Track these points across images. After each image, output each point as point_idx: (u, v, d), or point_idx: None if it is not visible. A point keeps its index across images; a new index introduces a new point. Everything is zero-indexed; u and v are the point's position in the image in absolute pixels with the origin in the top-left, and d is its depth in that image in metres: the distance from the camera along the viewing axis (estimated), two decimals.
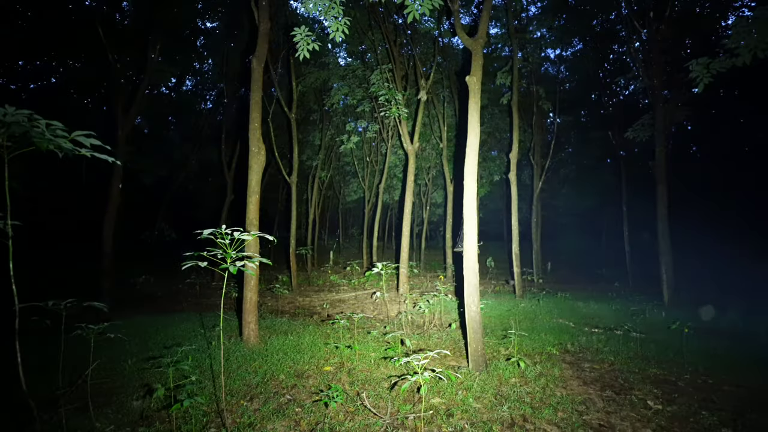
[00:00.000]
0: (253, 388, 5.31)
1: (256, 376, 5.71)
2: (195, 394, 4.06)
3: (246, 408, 4.74)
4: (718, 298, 12.75)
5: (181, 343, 6.88)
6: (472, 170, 6.39)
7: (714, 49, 8.23)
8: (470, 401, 4.92)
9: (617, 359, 6.69)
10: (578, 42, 17.98)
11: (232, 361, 6.20)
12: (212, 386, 5.21)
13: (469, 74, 6.67)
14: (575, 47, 18.64)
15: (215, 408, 4.66)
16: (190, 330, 8.09)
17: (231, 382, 5.37)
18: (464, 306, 6.21)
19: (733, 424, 4.44)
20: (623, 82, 16.88)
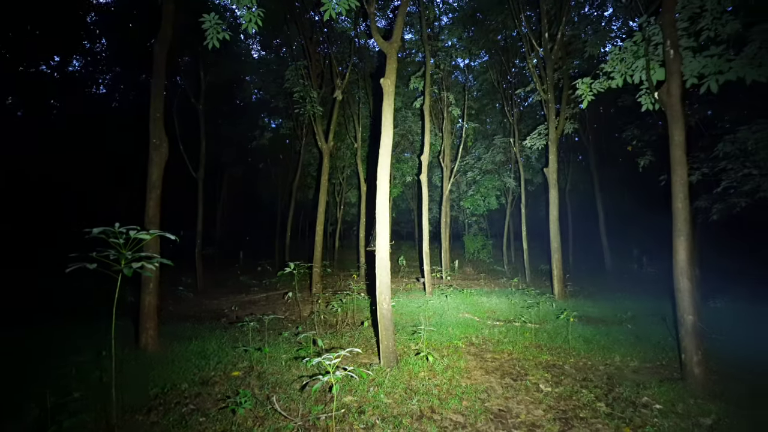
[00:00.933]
0: (152, 400, 4.92)
1: (155, 386, 5.29)
2: (79, 411, 3.65)
3: (142, 422, 4.38)
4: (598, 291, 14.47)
5: (65, 355, 6.15)
6: (385, 171, 6.53)
7: (596, 71, 9.34)
8: (381, 397, 5.04)
9: (515, 349, 7.27)
10: (485, 54, 19.20)
11: (127, 371, 5.68)
12: (102, 401, 4.73)
13: (383, 76, 6.82)
14: (482, 58, 19.87)
15: (105, 425, 4.24)
16: (77, 340, 7.25)
17: (125, 395, 4.92)
18: (376, 304, 6.34)
19: (605, 399, 5.08)
20: (523, 94, 18.39)
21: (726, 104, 11.12)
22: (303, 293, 13.03)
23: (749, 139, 8.84)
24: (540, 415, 4.69)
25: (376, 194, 6.53)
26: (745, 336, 7.88)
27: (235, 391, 5.07)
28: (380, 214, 6.45)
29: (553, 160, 12.26)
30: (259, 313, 8.86)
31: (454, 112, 17.45)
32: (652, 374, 5.98)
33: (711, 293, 11.34)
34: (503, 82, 18.87)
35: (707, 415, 4.57)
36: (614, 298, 12.37)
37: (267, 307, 11.32)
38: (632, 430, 4.32)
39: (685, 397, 5.02)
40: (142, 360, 6.26)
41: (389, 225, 6.53)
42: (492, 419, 4.60)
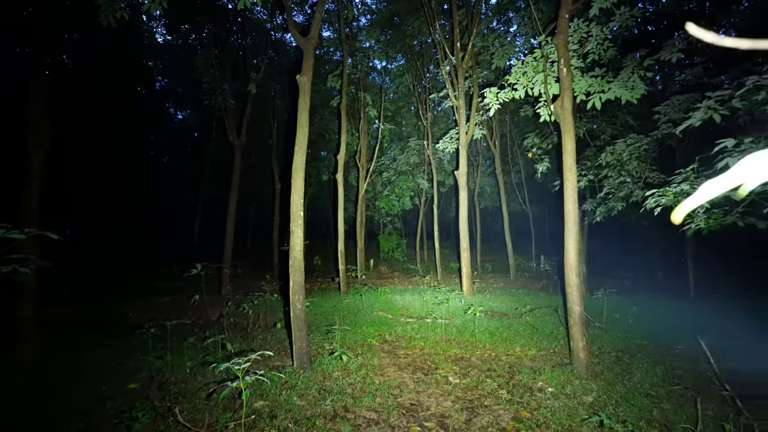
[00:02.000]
0: (30, 421, 4.34)
1: (34, 404, 4.67)
2: None
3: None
4: (503, 287, 15.54)
5: None
6: (300, 168, 6.43)
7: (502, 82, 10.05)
8: (294, 399, 4.95)
9: (426, 344, 7.56)
10: (401, 58, 19.69)
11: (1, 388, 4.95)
12: None
13: (300, 73, 6.70)
14: (399, 62, 20.36)
15: None
16: None
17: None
18: (290, 305, 6.22)
19: (507, 386, 5.49)
20: (437, 99, 19.17)
21: (608, 119, 12.59)
22: (212, 295, 12.32)
23: (624, 151, 10.09)
24: (449, 406, 4.93)
25: (291, 192, 6.40)
26: (622, 322, 8.98)
27: (130, 405, 4.65)
28: (295, 213, 6.33)
29: (463, 163, 12.94)
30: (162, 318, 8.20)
31: (371, 113, 17.66)
32: (546, 361, 6.58)
33: (596, 286, 12.75)
34: (418, 86, 19.49)
35: (589, 393, 5.14)
36: (515, 294, 13.40)
37: (171, 312, 10.52)
38: (529, 412, 4.71)
39: (572, 379, 5.60)
40: (19, 374, 5.49)
41: (304, 224, 6.43)
42: (404, 413, 4.73)
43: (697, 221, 5.10)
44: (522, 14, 12.36)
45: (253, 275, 16.28)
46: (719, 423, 4.24)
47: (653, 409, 4.70)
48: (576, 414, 4.59)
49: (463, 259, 12.92)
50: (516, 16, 12.92)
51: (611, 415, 4.42)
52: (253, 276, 16.03)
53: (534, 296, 12.83)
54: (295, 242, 6.26)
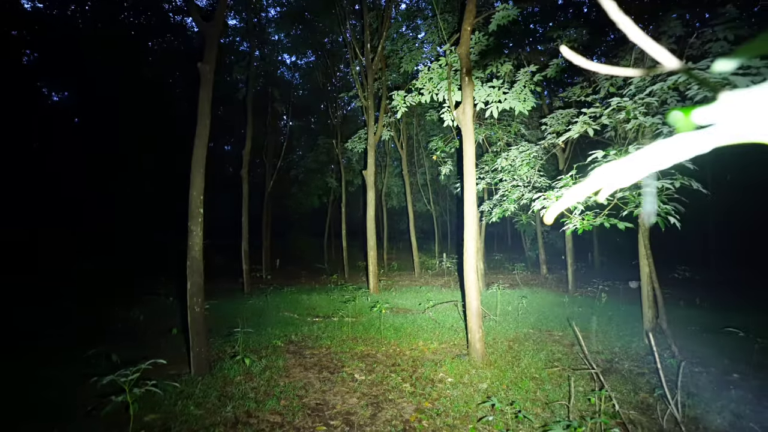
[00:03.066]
0: None
1: None
2: None
3: None
4: (407, 284, 16.08)
5: None
6: (200, 163, 6.06)
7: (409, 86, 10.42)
8: (191, 409, 4.65)
9: (333, 343, 7.56)
10: (312, 54, 19.45)
11: None
12: None
13: (202, 61, 6.30)
14: (309, 58, 20.09)
15: None
16: None
17: None
18: (187, 308, 5.82)
19: (410, 380, 5.71)
20: (346, 99, 19.26)
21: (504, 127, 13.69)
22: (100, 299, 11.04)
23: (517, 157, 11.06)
24: (354, 403, 4.99)
25: (190, 188, 5.99)
26: (512, 314, 9.82)
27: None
28: (193, 210, 5.94)
29: (371, 163, 13.17)
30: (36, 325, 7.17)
31: (279, 108, 17.20)
32: (446, 353, 6.96)
33: (491, 282, 13.79)
34: (328, 84, 19.40)
35: (484, 381, 5.55)
36: (420, 291, 13.95)
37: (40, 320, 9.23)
38: (430, 403, 4.94)
39: (469, 369, 6.00)
40: None
41: (203, 222, 6.07)
42: (309, 414, 4.69)
43: (574, 222, 5.76)
44: (429, 23, 12.92)
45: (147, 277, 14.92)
46: (587, 396, 4.85)
47: (537, 390, 5.22)
48: (472, 400, 4.93)
49: (370, 258, 13.14)
50: (424, 24, 13.47)
51: (502, 398, 4.83)
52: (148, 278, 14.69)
53: (437, 292, 13.47)
54: (194, 241, 5.88)
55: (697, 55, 6.93)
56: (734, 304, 10.93)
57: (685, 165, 5.38)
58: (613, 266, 17.38)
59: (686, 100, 5.73)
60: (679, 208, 5.29)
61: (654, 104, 5.69)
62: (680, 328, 7.85)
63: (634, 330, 7.98)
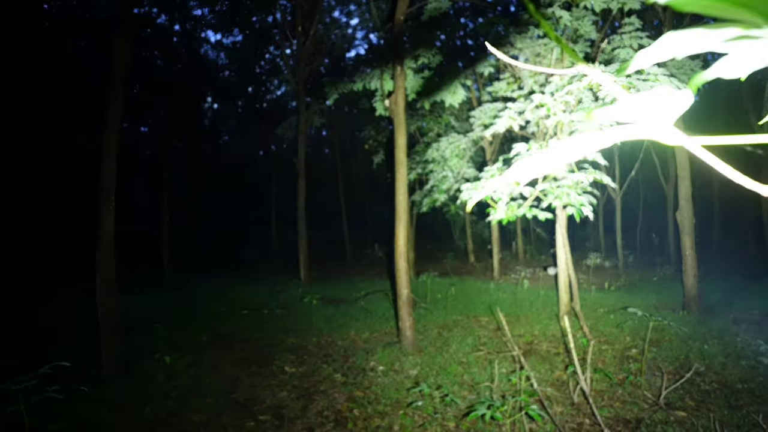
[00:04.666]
0: None
1: None
2: None
3: None
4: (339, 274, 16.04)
5: None
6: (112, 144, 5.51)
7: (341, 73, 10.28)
8: (105, 414, 4.28)
9: (263, 335, 7.34)
10: (239, 33, 18.46)
11: None
12: None
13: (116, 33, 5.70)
14: (236, 37, 19.05)
15: None
16: None
17: None
18: (97, 304, 5.32)
19: (342, 369, 5.70)
20: (277, 83, 18.59)
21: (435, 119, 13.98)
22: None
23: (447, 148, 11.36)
24: (285, 397, 4.88)
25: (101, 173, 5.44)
26: (442, 302, 10.13)
27: None
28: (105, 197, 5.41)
29: (301, 151, 12.85)
30: None
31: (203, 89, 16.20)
32: (378, 342, 7.03)
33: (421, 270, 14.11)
34: (257, 67, 18.58)
35: (414, 367, 5.68)
36: (352, 280, 13.98)
37: None
38: (362, 392, 4.97)
39: (400, 356, 6.10)
40: None
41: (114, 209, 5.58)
42: (238, 410, 4.53)
43: (499, 212, 6.03)
44: (363, 9, 12.77)
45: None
46: (509, 377, 5.14)
47: (464, 374, 5.44)
48: (402, 387, 5.02)
49: (301, 248, 12.90)
50: (357, 10, 13.29)
51: (431, 383, 4.96)
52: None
53: (369, 282, 13.55)
54: (105, 231, 5.35)
55: (608, 60, 7.51)
56: (638, 287, 12.15)
57: (597, 162, 5.82)
58: (534, 254, 18.59)
59: (598, 100, 6.19)
60: (592, 201, 5.72)
61: (571, 102, 6.07)
62: (591, 311, 8.57)
63: (551, 313, 8.58)
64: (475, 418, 3.92)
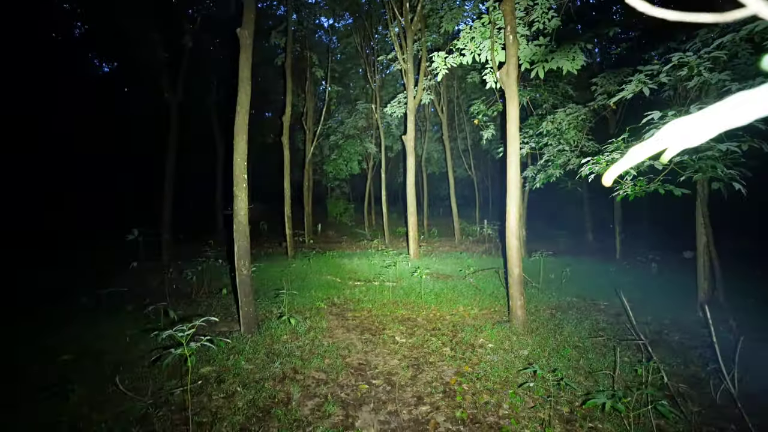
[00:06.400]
0: None
1: None
2: None
3: None
4: (448, 250, 16.06)
5: None
6: (242, 129, 6.16)
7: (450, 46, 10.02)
8: (242, 364, 4.94)
9: (374, 306, 7.73)
10: (349, 16, 18.98)
11: None
12: None
13: (240, 27, 6.29)
14: (347, 20, 19.63)
15: None
16: None
17: None
18: (235, 270, 6.09)
19: (450, 344, 5.79)
20: (385, 62, 18.81)
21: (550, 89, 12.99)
22: (152, 262, 11.75)
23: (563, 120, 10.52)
24: (395, 364, 5.13)
25: (233, 154, 6.13)
26: (556, 282, 9.64)
27: (65, 377, 4.42)
28: (238, 176, 6.10)
29: (411, 128, 12.95)
30: (96, 287, 7.75)
31: (318, 74, 17.09)
32: (487, 319, 6.96)
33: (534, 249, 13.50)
34: (366, 48, 18.99)
35: (525, 348, 5.54)
36: (460, 257, 13.92)
37: (106, 280, 9.95)
38: (470, 367, 5.00)
39: (510, 335, 5.99)
40: None
41: (248, 187, 6.23)
42: (352, 373, 4.87)
43: (625, 188, 5.47)
44: None
45: (195, 241, 15.68)
46: (633, 367, 4.75)
47: (580, 359, 5.16)
48: (513, 366, 4.94)
49: (410, 224, 13.16)
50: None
51: (543, 365, 4.81)
52: (196, 241, 15.44)
53: (477, 259, 13.40)
54: (239, 206, 6.07)
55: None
56: None
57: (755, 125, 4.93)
58: (664, 235, 16.55)
59: (762, 52, 5.18)
60: (746, 173, 4.89)
61: (722, 59, 5.18)
62: (739, 302, 7.45)
63: (686, 302, 7.64)
64: (593, 406, 3.73)
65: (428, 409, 4.07)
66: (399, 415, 3.96)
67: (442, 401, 4.22)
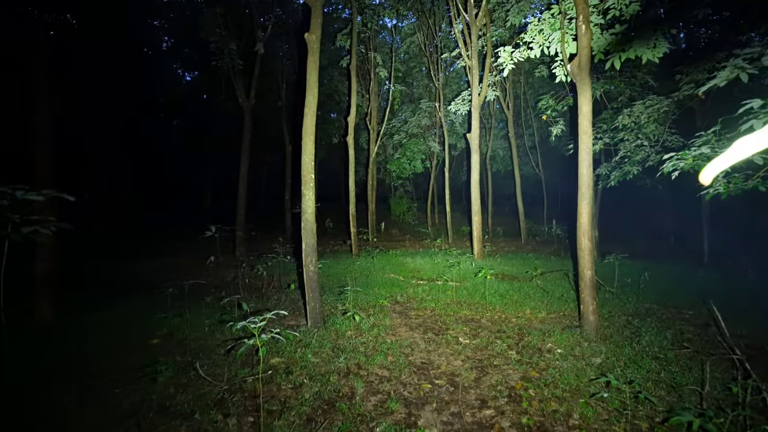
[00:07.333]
0: (53, 375, 4.57)
1: (56, 359, 4.92)
2: None
3: (43, 396, 4.07)
4: (513, 250, 15.59)
5: None
6: (310, 130, 6.36)
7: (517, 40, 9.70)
8: (309, 357, 5.12)
9: (437, 306, 7.69)
10: (413, 16, 18.97)
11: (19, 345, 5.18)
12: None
13: (308, 31, 6.51)
14: (410, 20, 19.63)
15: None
16: None
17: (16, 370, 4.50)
18: (303, 266, 6.32)
19: (516, 347, 5.61)
20: (449, 59, 18.60)
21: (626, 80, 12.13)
22: (226, 257, 12.56)
23: (642, 113, 9.79)
24: (459, 365, 5.07)
25: (302, 155, 6.37)
26: (632, 287, 9.01)
27: (153, 359, 4.85)
28: (306, 175, 6.33)
29: (475, 125, 12.70)
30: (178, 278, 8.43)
31: (381, 74, 17.26)
32: (555, 324, 6.67)
33: (607, 251, 12.71)
34: (430, 46, 18.88)
35: (598, 355, 5.24)
36: (526, 258, 13.44)
37: (186, 273, 10.77)
38: (537, 372, 4.82)
39: (581, 341, 5.69)
40: (42, 333, 5.74)
41: (315, 187, 6.44)
42: (415, 371, 4.88)
43: (716, 185, 4.99)
44: None
45: (266, 237, 16.53)
46: (726, 385, 4.31)
47: (661, 371, 4.78)
48: (584, 374, 4.69)
49: (474, 223, 12.92)
50: None
51: (619, 376, 4.51)
52: (266, 238, 16.27)
53: (545, 260, 12.87)
54: (307, 205, 6.29)
55: None
56: None
57: None
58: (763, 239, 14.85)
59: None
60: None
61: None
62: None
63: None
64: (678, 423, 3.44)
65: (492, 413, 3.98)
66: (462, 417, 3.91)
67: (507, 406, 4.11)
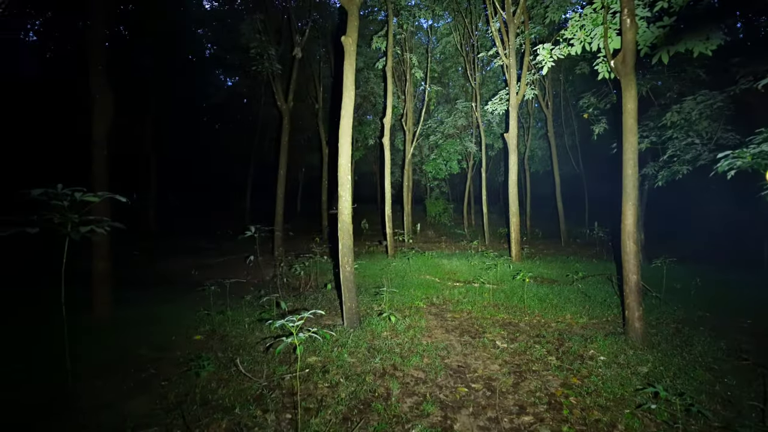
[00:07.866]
0: (108, 367, 4.82)
1: (110, 353, 5.18)
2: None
3: (101, 387, 4.31)
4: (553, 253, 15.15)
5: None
6: (347, 132, 6.42)
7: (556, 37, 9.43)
8: (345, 357, 5.17)
9: (474, 308, 7.58)
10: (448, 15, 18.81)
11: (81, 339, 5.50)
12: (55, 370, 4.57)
13: (344, 34, 6.58)
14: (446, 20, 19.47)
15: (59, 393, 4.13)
16: (19, 309, 6.96)
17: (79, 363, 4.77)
18: (339, 267, 6.39)
19: (556, 353, 5.45)
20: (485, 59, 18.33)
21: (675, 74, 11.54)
22: (265, 257, 12.89)
23: (693, 109, 9.29)
24: (496, 369, 4.97)
25: (338, 156, 6.44)
26: (683, 293, 8.55)
27: (197, 354, 5.03)
28: (342, 177, 6.39)
29: (513, 125, 12.44)
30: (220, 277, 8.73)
31: (417, 75, 17.21)
32: (598, 329, 6.43)
33: (653, 254, 12.14)
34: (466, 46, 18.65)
35: (644, 364, 5.00)
36: (566, 260, 13.04)
37: (227, 271, 11.15)
38: (579, 379, 4.66)
39: (626, 349, 5.45)
40: (94, 327, 6.08)
41: (351, 188, 6.50)
42: (451, 374, 4.83)
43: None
44: None
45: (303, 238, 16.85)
46: None
47: (715, 384, 4.51)
48: (629, 384, 4.49)
49: (512, 224, 12.65)
50: None
51: (668, 387, 4.30)
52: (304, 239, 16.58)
53: (586, 263, 12.44)
54: (343, 206, 6.36)
55: None
56: None
57: None
58: None
59: None
60: None
61: None
62: None
63: None
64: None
65: (531, 420, 3.88)
66: (500, 423, 3.84)
67: (547, 413, 3.99)
